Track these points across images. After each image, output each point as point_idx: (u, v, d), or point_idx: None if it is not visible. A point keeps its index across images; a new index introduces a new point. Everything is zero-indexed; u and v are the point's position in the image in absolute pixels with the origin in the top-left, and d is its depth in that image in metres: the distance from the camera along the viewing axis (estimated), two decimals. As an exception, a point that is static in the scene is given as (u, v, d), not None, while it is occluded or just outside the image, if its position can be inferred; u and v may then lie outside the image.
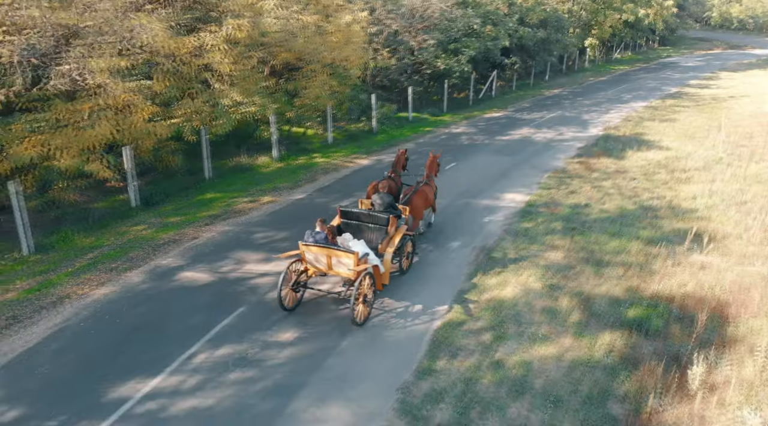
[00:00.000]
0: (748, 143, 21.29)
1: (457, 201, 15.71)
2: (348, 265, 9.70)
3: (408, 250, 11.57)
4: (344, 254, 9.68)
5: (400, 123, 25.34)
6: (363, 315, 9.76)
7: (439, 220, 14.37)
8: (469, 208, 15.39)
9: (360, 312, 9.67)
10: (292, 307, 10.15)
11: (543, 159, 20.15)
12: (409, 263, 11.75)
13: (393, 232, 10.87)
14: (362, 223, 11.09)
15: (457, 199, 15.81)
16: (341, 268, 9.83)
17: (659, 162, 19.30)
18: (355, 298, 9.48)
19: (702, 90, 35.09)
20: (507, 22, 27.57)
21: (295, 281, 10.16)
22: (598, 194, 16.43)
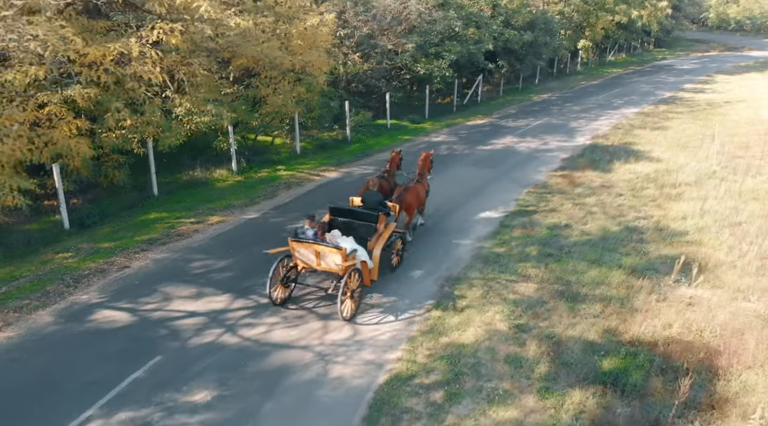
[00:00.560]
0: (744, 154, 19.95)
1: (427, 220, 14.34)
2: (336, 260, 9.88)
3: (398, 248, 11.70)
4: (332, 250, 9.84)
5: (377, 131, 23.97)
6: (350, 310, 9.94)
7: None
8: (439, 228, 14.02)
9: (348, 307, 9.85)
10: (282, 302, 10.30)
11: (524, 171, 18.79)
12: (399, 260, 11.85)
13: (382, 229, 11.12)
14: (352, 220, 11.25)
15: (427, 218, 14.44)
16: (329, 263, 10.00)
17: (648, 175, 17.95)
18: (343, 293, 9.63)
19: (697, 94, 33.78)
20: (491, 24, 26.19)
21: (285, 276, 10.30)
22: (580, 213, 15.07)
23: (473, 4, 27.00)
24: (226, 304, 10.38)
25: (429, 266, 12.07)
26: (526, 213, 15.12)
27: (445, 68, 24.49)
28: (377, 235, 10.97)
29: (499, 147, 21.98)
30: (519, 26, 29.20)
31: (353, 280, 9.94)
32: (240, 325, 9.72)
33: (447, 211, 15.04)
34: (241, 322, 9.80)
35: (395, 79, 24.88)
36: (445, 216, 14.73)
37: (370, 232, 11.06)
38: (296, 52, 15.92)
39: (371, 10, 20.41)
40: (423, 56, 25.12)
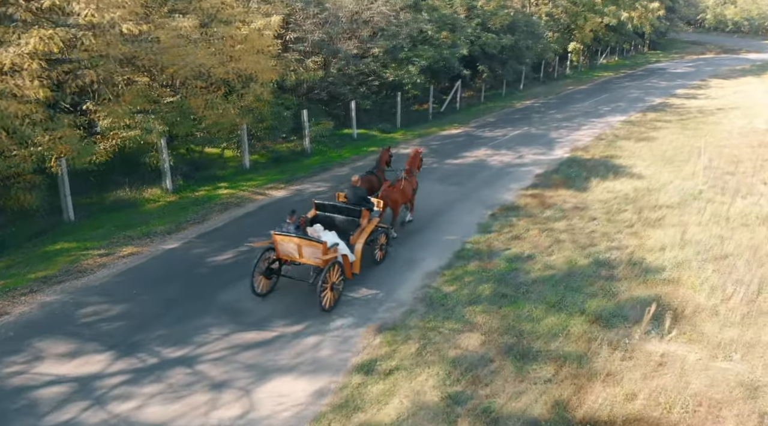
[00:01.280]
0: (734, 170, 18.26)
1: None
2: (316, 254, 10.17)
3: (382, 242, 12.05)
4: (313, 244, 10.16)
5: (341, 141, 22.27)
6: (331, 301, 10.25)
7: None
8: (385, 260, 12.31)
9: (328, 298, 10.13)
10: (265, 293, 10.64)
11: (492, 190, 17.10)
12: (383, 255, 12.18)
13: (365, 224, 11.42)
14: (336, 215, 11.62)
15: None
16: (310, 256, 10.27)
17: (627, 195, 16.26)
18: (323, 285, 9.92)
19: (688, 101, 32.11)
20: (466, 27, 24.46)
21: (269, 268, 10.62)
22: (547, 241, 13.39)
23: (446, 6, 25.30)
24: (104, 366, 8.67)
25: (361, 312, 10.37)
26: (486, 241, 13.43)
27: (416, 74, 22.78)
28: (360, 230, 11.33)
29: (470, 160, 20.28)
30: (498, 29, 27.50)
31: (334, 273, 10.24)
32: (111, 397, 8.00)
33: (400, 239, 13.34)
34: (113, 393, 8.09)
35: (363, 86, 23.18)
36: (397, 244, 13.02)
37: (353, 226, 11.43)
38: (234, 59, 14.20)
39: (324, 12, 18.65)
40: (393, 61, 23.43)
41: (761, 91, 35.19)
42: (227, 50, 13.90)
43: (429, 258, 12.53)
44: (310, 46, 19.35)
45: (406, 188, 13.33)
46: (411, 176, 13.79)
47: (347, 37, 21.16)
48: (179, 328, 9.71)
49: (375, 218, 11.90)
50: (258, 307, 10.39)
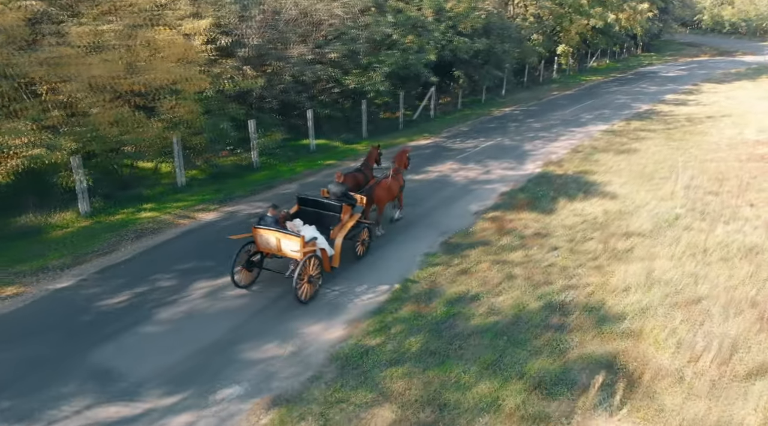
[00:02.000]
0: (718, 189, 16.57)
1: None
2: (294, 247, 10.41)
3: (363, 238, 12.31)
4: (291, 237, 10.41)
5: (295, 154, 20.58)
6: (308, 293, 10.48)
7: (244, 334, 9.64)
8: (309, 305, 10.63)
9: (305, 291, 10.39)
10: (246, 285, 10.95)
11: (449, 212, 15.42)
12: (364, 250, 12.43)
13: (346, 219, 11.73)
14: (318, 210, 11.84)
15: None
16: (289, 250, 10.49)
17: (596, 220, 14.58)
18: (299, 277, 10.14)
19: (677, 108, 30.40)
20: (433, 31, 22.72)
21: (249, 261, 10.88)
22: (498, 276, 11.72)
23: (415, 9, 23.58)
24: None
25: (258, 377, 8.68)
26: (429, 277, 11.75)
27: (380, 82, 21.08)
28: (340, 225, 11.60)
29: (433, 176, 18.58)
30: (472, 33, 25.79)
31: (311, 266, 10.46)
32: None
33: (330, 275, 11.67)
34: None
35: (322, 94, 21.49)
36: (326, 282, 11.35)
37: (334, 221, 11.63)
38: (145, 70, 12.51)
39: (260, 15, 16.85)
40: (355, 67, 21.74)
41: (755, 97, 33.50)
42: (135, 59, 12.21)
43: (357, 300, 10.86)
44: (249, 51, 17.62)
45: (392, 186, 13.54)
46: (398, 174, 13.96)
47: (300, 41, 19.46)
48: (29, 399, 8.03)
49: (356, 214, 12.22)
50: (135, 367, 8.71)
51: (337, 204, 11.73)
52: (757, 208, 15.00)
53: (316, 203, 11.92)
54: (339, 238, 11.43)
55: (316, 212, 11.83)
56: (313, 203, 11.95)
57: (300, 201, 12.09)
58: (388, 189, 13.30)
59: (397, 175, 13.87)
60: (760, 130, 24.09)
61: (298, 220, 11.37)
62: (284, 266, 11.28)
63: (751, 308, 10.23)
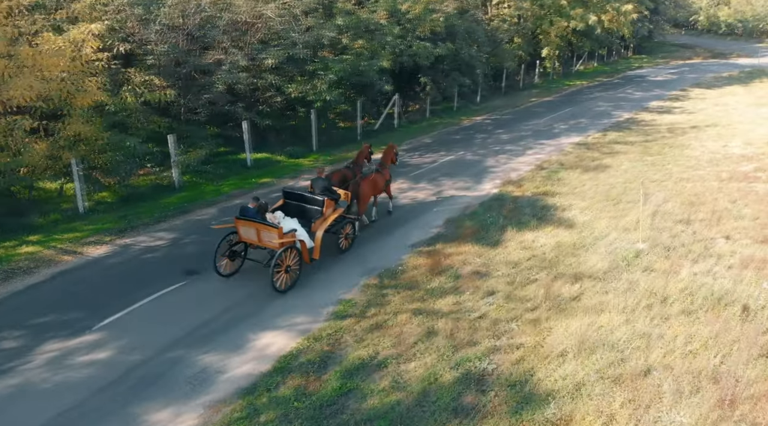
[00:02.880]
0: (690, 216, 14.57)
1: (163, 355, 9.07)
2: (272, 238, 10.79)
3: (347, 232, 12.61)
4: (269, 229, 10.76)
5: (229, 170, 18.59)
6: (285, 283, 10.83)
7: (74, 422, 7.67)
8: (168, 378, 8.65)
9: (282, 280, 10.74)
10: (229, 274, 11.37)
11: (383, 244, 13.48)
12: (348, 244, 12.76)
13: (328, 213, 12.09)
14: (301, 203, 12.16)
15: (171, 349, 9.19)
16: (267, 240, 10.89)
17: (545, 255, 12.60)
18: (276, 266, 10.51)
19: (660, 116, 28.40)
20: (386, 35, 20.67)
21: (231, 251, 11.32)
22: (416, 332, 9.76)
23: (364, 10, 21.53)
24: None
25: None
26: (333, 334, 9.78)
27: (325, 90, 19.08)
28: (321, 218, 11.91)
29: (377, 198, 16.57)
30: (435, 37, 23.79)
31: (289, 257, 10.75)
32: None
33: (216, 328, 9.70)
34: None
35: (262, 103, 19.50)
36: (202, 339, 9.37)
37: (316, 215, 11.97)
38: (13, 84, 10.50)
39: (161, 19, 14.77)
40: (300, 74, 19.75)
41: (744, 104, 31.49)
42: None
43: (231, 371, 8.86)
44: (159, 59, 15.61)
45: (378, 181, 13.90)
46: (384, 169, 14.37)
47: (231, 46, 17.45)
48: None
49: (339, 208, 12.59)
50: None
51: (320, 198, 12.06)
52: (733, 242, 13.02)
53: (300, 197, 12.30)
54: (320, 231, 11.80)
55: (300, 206, 12.20)
56: (297, 197, 12.34)
57: (285, 195, 12.52)
58: (373, 184, 13.71)
59: (382, 170, 14.31)
60: (747, 143, 22.10)
61: (279, 212, 11.78)
62: (266, 257, 11.34)
63: (712, 384, 8.25)
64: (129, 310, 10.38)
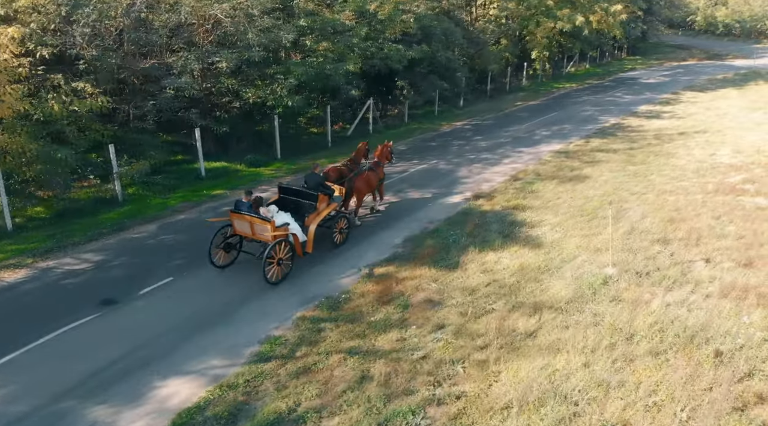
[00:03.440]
0: (669, 235, 13.39)
1: (52, 406, 7.91)
2: (265, 231, 11.13)
3: (341, 226, 12.94)
4: (262, 222, 11.11)
5: (181, 181, 17.44)
6: (277, 275, 11.18)
7: None
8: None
9: (274, 272, 11.09)
10: (224, 266, 11.76)
11: (330, 268, 12.30)
12: (343, 238, 13.03)
13: (322, 208, 12.46)
14: (296, 198, 12.54)
15: (62, 398, 8.02)
16: (260, 233, 11.25)
17: (506, 280, 11.42)
18: (268, 259, 10.88)
19: (648, 121, 27.22)
20: (352, 37, 19.45)
21: (226, 243, 11.72)
22: (347, 378, 8.63)
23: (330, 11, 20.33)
24: None
25: None
26: (252, 380, 8.60)
27: (286, 94, 17.90)
28: (315, 213, 12.24)
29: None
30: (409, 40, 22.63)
31: (281, 250, 11.14)
32: None
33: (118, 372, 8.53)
34: None
35: (219, 109, 18.33)
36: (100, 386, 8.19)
37: (311, 210, 12.28)
38: None
39: (87, 19, 13.51)
40: (260, 78, 18.58)
41: (737, 108, 30.31)
42: None
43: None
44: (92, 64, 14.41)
45: (371, 178, 14.21)
46: (378, 167, 14.67)
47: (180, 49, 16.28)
48: None
49: (333, 203, 12.93)
50: None
51: (314, 193, 12.40)
52: (714, 265, 11.84)
53: (295, 192, 12.66)
54: (313, 225, 12.12)
55: (294, 200, 12.52)
56: (292, 192, 12.69)
57: (280, 190, 12.89)
58: (367, 181, 14.06)
59: (376, 167, 14.59)
60: (736, 151, 20.92)
61: (273, 207, 12.05)
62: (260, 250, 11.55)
63: (676, 448, 7.08)
64: (27, 348, 9.22)
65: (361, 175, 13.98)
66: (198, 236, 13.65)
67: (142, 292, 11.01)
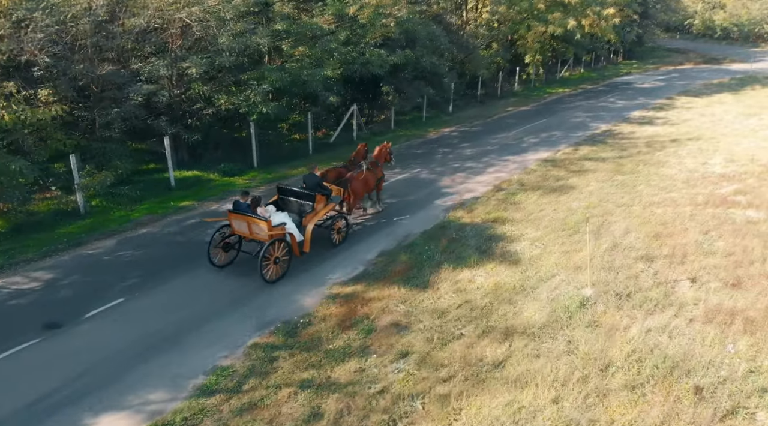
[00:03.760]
0: (654, 252, 12.71)
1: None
2: (262, 230, 11.28)
3: (339, 226, 13.17)
4: (259, 222, 11.25)
5: (149, 191, 16.74)
6: (274, 274, 11.37)
7: None
8: None
9: (270, 271, 11.28)
10: (223, 265, 11.93)
11: (293, 287, 11.59)
12: (341, 238, 13.24)
13: (320, 208, 12.67)
14: (294, 199, 12.78)
15: None
16: (258, 233, 11.40)
17: (478, 302, 10.74)
18: (264, 258, 11.05)
19: (641, 128, 26.55)
20: (330, 41, 18.75)
21: (225, 243, 11.89)
22: (296, 414, 8.00)
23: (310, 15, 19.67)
24: None
25: None
26: (189, 418, 7.94)
27: (260, 101, 17.23)
28: (312, 213, 12.51)
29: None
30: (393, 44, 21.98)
31: (277, 248, 11.33)
32: None
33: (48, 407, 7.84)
34: None
35: (191, 116, 17.66)
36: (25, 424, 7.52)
37: (308, 209, 12.54)
38: None
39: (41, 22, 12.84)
40: (234, 84, 17.91)
41: (733, 114, 29.63)
42: None
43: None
44: (47, 70, 13.75)
45: (369, 178, 14.47)
46: (376, 168, 14.92)
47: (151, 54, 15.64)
48: None
49: (331, 204, 13.06)
50: None
51: (311, 194, 12.58)
52: (699, 286, 11.15)
53: (293, 193, 12.87)
54: (310, 225, 12.37)
55: (292, 201, 12.79)
56: (290, 193, 12.91)
57: (279, 190, 13.10)
58: (364, 181, 14.28)
59: (375, 168, 14.81)
60: (729, 160, 20.25)
61: (271, 207, 12.37)
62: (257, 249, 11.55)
63: (647, 500, 6.38)
64: (-48, 381, 8.52)
65: (358, 176, 14.16)
66: (157, 252, 13.02)
67: (89, 314, 10.33)
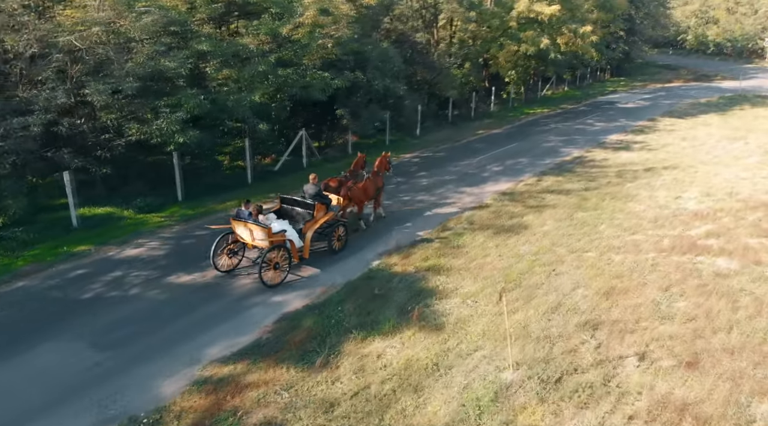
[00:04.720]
0: (603, 316, 10.76)
1: None
2: (263, 237, 11.81)
3: (338, 234, 13.70)
4: (260, 228, 11.80)
5: (46, 233, 14.84)
6: (273, 279, 11.88)
7: None
8: None
9: (270, 276, 11.81)
10: (227, 271, 12.48)
11: (158, 366, 9.60)
12: (341, 245, 13.79)
13: (319, 216, 13.22)
14: (295, 207, 13.51)
15: None
16: (259, 239, 11.92)
17: (376, 390, 8.78)
18: (263, 263, 11.61)
19: (615, 154, 24.73)
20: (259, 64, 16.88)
21: (229, 249, 12.47)
22: None
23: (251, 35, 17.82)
24: None
25: None
26: None
27: (177, 130, 15.39)
28: (312, 221, 13.10)
29: (208, 278, 12.68)
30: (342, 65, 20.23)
31: (277, 254, 11.85)
32: None
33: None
34: None
35: (99, 147, 15.80)
36: None
37: (308, 217, 13.17)
38: None
39: None
40: (150, 112, 16.07)
41: (716, 138, 27.87)
42: None
43: None
44: None
45: (369, 187, 14.89)
46: (376, 177, 15.34)
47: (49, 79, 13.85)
48: None
49: (331, 212, 13.70)
50: None
51: (311, 202, 13.18)
52: (649, 365, 9.21)
53: (294, 202, 13.49)
54: (309, 232, 12.91)
55: (293, 209, 13.41)
56: (291, 202, 13.53)
57: (282, 200, 13.72)
58: (364, 190, 14.76)
59: (375, 177, 15.27)
60: (705, 194, 18.36)
61: (272, 214, 12.96)
62: None
63: None
64: None
65: (358, 185, 14.61)
66: (19, 314, 11.05)
67: None
